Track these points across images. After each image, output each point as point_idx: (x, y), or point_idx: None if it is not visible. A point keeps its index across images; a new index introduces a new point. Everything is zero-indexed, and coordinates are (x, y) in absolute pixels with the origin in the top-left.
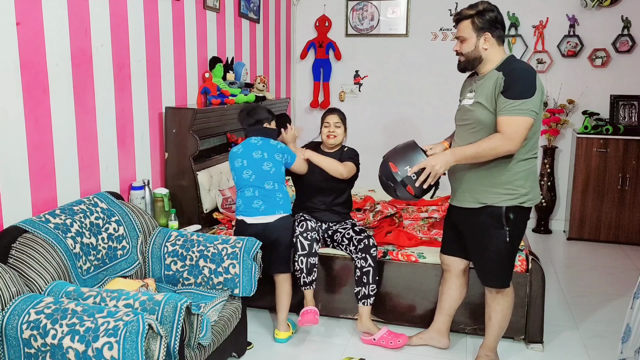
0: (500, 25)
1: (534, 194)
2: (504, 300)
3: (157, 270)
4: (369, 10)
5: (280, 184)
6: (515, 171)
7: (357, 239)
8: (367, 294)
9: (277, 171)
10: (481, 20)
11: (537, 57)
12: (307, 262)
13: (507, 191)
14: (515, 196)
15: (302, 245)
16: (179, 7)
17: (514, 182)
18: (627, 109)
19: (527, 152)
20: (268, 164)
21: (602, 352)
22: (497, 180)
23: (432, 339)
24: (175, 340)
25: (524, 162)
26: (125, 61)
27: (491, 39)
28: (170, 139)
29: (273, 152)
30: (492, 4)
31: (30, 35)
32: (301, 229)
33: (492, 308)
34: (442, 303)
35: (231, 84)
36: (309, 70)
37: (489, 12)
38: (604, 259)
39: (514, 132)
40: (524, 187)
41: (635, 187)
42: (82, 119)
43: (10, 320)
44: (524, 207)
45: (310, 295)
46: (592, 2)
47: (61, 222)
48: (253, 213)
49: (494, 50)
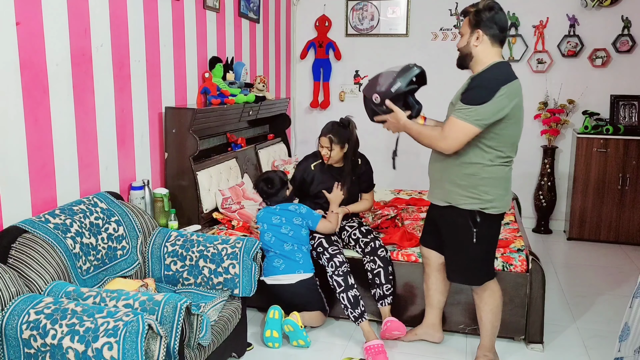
0: (498, 26)
1: (501, 203)
2: (491, 299)
3: (156, 271)
4: (369, 10)
5: (299, 245)
6: (481, 176)
7: (364, 241)
8: (383, 294)
9: (296, 234)
10: (477, 18)
11: (537, 57)
12: (348, 296)
13: (470, 194)
14: (479, 201)
15: (338, 283)
16: (179, 7)
17: (479, 187)
18: (627, 109)
19: (494, 158)
20: (286, 227)
21: (602, 352)
22: (463, 183)
23: (427, 334)
24: (175, 340)
25: (491, 169)
26: (125, 61)
27: (483, 37)
28: (170, 139)
29: (291, 217)
30: (494, 4)
31: (30, 35)
32: (332, 269)
33: (481, 308)
34: (429, 298)
35: (231, 84)
36: (309, 70)
37: (486, 11)
38: (604, 259)
39: (451, 134)
40: (488, 193)
41: (635, 187)
42: (82, 119)
43: (10, 321)
44: (488, 213)
45: (367, 327)
46: (592, 2)
47: (61, 222)
48: (273, 272)
49: (485, 49)
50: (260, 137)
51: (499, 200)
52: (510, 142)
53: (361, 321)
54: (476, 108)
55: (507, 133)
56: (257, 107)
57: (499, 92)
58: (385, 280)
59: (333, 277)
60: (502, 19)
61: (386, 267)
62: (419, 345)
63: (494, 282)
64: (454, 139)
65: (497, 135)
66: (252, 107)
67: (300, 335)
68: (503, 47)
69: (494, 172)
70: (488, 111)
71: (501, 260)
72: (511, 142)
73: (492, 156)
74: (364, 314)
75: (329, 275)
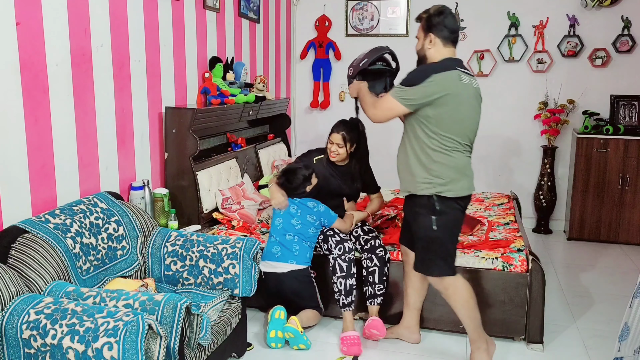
0: (448, 29)
1: (456, 186)
2: (457, 295)
3: (156, 271)
4: (369, 10)
5: (301, 239)
6: (432, 161)
7: (365, 239)
8: (374, 294)
9: (303, 229)
10: (428, 23)
11: (537, 57)
12: (346, 283)
13: (424, 180)
14: (432, 185)
15: (341, 268)
16: (179, 7)
17: (431, 171)
18: (627, 109)
19: (441, 144)
20: (297, 220)
21: (602, 352)
22: (417, 170)
23: (402, 335)
24: (175, 340)
25: (440, 154)
26: (125, 61)
27: (435, 40)
28: (170, 139)
29: (307, 213)
30: (444, 9)
31: (30, 35)
32: (339, 252)
33: (453, 306)
34: (407, 298)
35: (231, 84)
36: (309, 70)
37: (436, 15)
38: (604, 259)
39: (380, 106)
40: (441, 177)
41: (635, 187)
42: (82, 119)
43: (10, 321)
44: (445, 197)
45: (350, 317)
46: (592, 2)
47: (61, 222)
48: (269, 257)
49: (438, 50)
50: (260, 137)
51: (454, 183)
52: (455, 127)
53: (347, 310)
54: (406, 89)
55: (445, 118)
56: (257, 107)
57: (429, 78)
58: (378, 280)
59: (337, 260)
60: (452, 21)
61: (382, 267)
62: (419, 345)
63: (455, 279)
64: (381, 110)
65: (436, 120)
66: (252, 107)
67: (301, 340)
68: (456, 46)
69: (444, 158)
70: (415, 93)
71: (501, 260)
72: (456, 128)
73: (438, 142)
74: (352, 304)
75: (334, 257)
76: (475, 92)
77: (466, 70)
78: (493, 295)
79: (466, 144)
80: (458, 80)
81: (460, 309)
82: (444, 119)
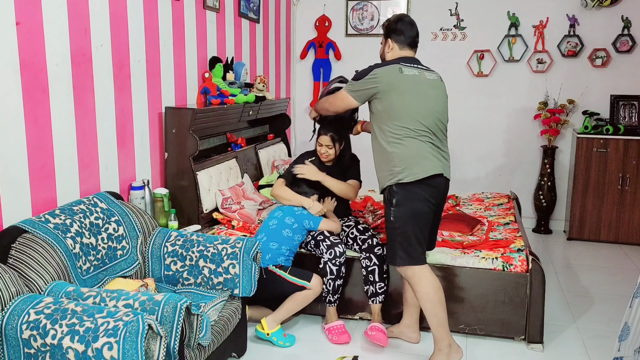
0: (404, 34)
1: (412, 171)
2: (420, 287)
3: (156, 271)
4: (369, 10)
5: (268, 239)
6: (389, 152)
7: (362, 238)
8: (376, 292)
9: (277, 229)
10: (387, 29)
11: (537, 57)
12: (335, 284)
13: (386, 173)
14: (392, 175)
15: (331, 271)
16: (179, 7)
17: (389, 163)
18: (627, 109)
19: (393, 136)
20: (274, 221)
21: (602, 352)
22: (380, 167)
23: (402, 334)
24: (175, 340)
25: (394, 145)
26: (125, 61)
27: (393, 44)
28: (170, 139)
29: (287, 214)
30: (403, 16)
31: (30, 35)
32: (330, 256)
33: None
34: (405, 294)
35: (231, 84)
36: (309, 70)
37: (394, 23)
38: (604, 259)
39: (334, 97)
40: (397, 165)
41: (635, 187)
42: (82, 119)
43: (10, 321)
44: (403, 183)
45: (333, 310)
46: (592, 2)
47: (61, 222)
48: None
49: (393, 54)
50: (260, 137)
51: (410, 169)
52: (402, 115)
53: (331, 305)
54: (353, 82)
55: (392, 108)
56: (257, 107)
57: (372, 72)
58: (379, 278)
59: (328, 264)
60: (408, 27)
61: (381, 265)
62: (418, 345)
63: (420, 269)
64: (334, 101)
65: (386, 112)
66: (252, 107)
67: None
68: (415, 48)
69: (397, 147)
70: (360, 85)
71: (501, 260)
72: (403, 116)
73: (391, 133)
74: (336, 301)
75: (325, 261)
76: (428, 82)
77: (416, 65)
78: (493, 295)
79: (419, 130)
80: (399, 72)
81: (423, 302)
82: (392, 109)
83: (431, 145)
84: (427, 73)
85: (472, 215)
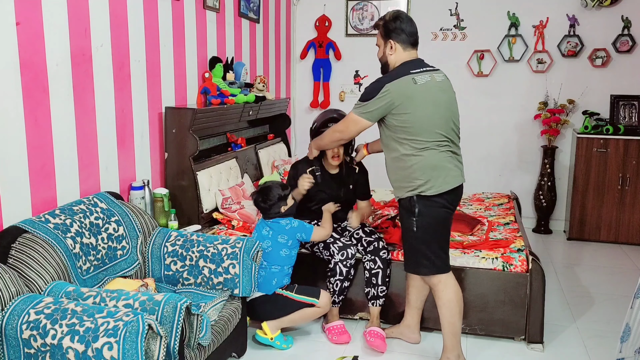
0: (405, 32)
1: (435, 183)
2: (443, 294)
3: (156, 271)
4: (369, 10)
5: (269, 263)
6: (408, 166)
7: (367, 240)
8: (377, 295)
9: (273, 252)
10: (386, 29)
11: (537, 57)
12: (342, 286)
13: (406, 184)
14: (413, 187)
15: (341, 272)
16: (179, 7)
17: (410, 175)
18: (627, 109)
19: (411, 148)
20: (268, 242)
21: (602, 352)
22: (397, 177)
23: (402, 334)
24: (175, 340)
25: (414, 157)
26: (125, 61)
27: (394, 45)
28: (170, 139)
29: (278, 233)
30: (399, 13)
31: (30, 35)
32: (342, 257)
33: (437, 302)
34: (408, 297)
35: (231, 84)
36: (309, 70)
37: (392, 21)
38: (604, 259)
39: (344, 124)
40: (419, 178)
41: (635, 187)
42: (82, 119)
43: (10, 321)
44: (426, 195)
45: (335, 311)
46: (592, 2)
47: (61, 222)
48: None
49: (398, 55)
50: (260, 137)
51: (433, 181)
52: (421, 129)
53: (335, 305)
54: (364, 103)
55: (409, 123)
56: (257, 107)
57: (383, 89)
58: (381, 282)
59: (338, 265)
60: (408, 25)
61: (385, 269)
62: (419, 345)
63: (447, 277)
64: (346, 128)
65: (402, 128)
66: (252, 107)
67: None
68: (417, 46)
69: (417, 160)
70: (373, 105)
71: (501, 260)
72: (422, 129)
73: (408, 146)
74: (341, 302)
75: (335, 261)
76: (439, 86)
77: (425, 69)
78: (493, 295)
79: (438, 140)
80: (412, 84)
81: (443, 309)
82: (409, 125)
83: (450, 153)
84: (436, 74)
85: (472, 215)
